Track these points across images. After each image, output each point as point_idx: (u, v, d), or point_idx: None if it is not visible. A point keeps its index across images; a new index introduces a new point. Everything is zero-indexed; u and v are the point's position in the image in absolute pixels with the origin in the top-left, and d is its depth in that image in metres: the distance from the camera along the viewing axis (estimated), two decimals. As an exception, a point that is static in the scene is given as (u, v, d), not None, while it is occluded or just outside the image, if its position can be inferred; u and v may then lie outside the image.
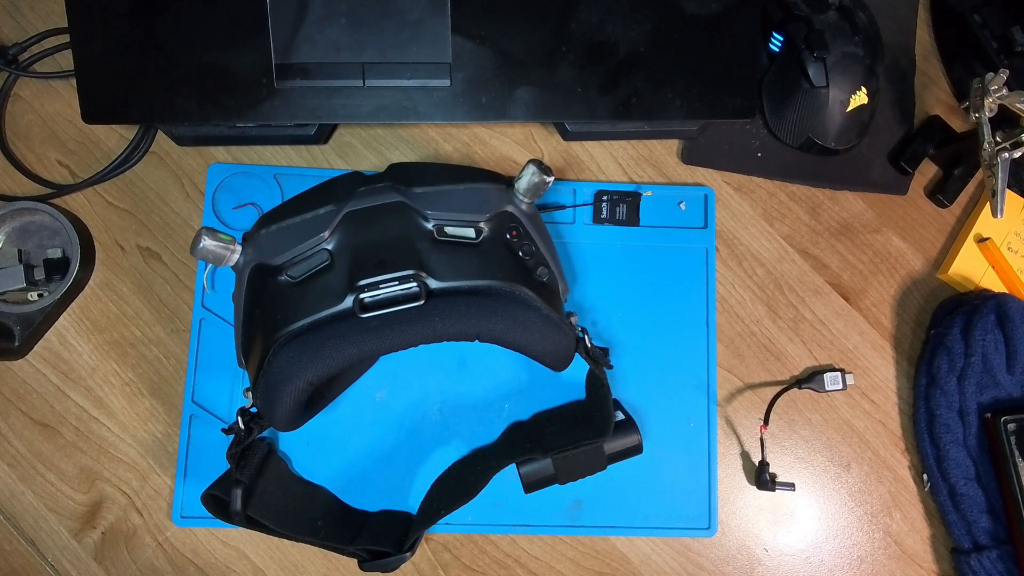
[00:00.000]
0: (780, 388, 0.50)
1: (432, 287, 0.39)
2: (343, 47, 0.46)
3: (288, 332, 0.38)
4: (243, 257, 0.41)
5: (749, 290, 0.52)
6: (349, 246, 0.40)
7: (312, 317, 0.39)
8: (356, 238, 0.40)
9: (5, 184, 0.51)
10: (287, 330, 0.38)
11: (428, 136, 0.53)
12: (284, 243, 0.41)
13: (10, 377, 0.49)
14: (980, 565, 0.48)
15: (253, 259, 0.41)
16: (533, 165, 0.42)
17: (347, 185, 0.43)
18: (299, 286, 0.40)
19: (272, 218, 0.42)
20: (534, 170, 0.42)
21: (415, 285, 0.38)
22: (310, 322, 0.39)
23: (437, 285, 0.39)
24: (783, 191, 0.54)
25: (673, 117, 0.49)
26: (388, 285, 0.38)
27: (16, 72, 0.51)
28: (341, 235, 0.41)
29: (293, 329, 0.38)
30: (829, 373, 0.50)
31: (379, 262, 0.39)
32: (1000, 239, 0.53)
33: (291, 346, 0.38)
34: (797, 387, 0.50)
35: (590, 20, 0.47)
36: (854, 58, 0.50)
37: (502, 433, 0.49)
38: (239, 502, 0.42)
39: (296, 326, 0.38)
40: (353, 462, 0.48)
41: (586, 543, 0.49)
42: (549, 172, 0.42)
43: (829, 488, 0.50)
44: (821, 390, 0.50)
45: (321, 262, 0.40)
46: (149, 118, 0.48)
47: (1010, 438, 0.47)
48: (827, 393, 0.51)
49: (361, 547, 0.45)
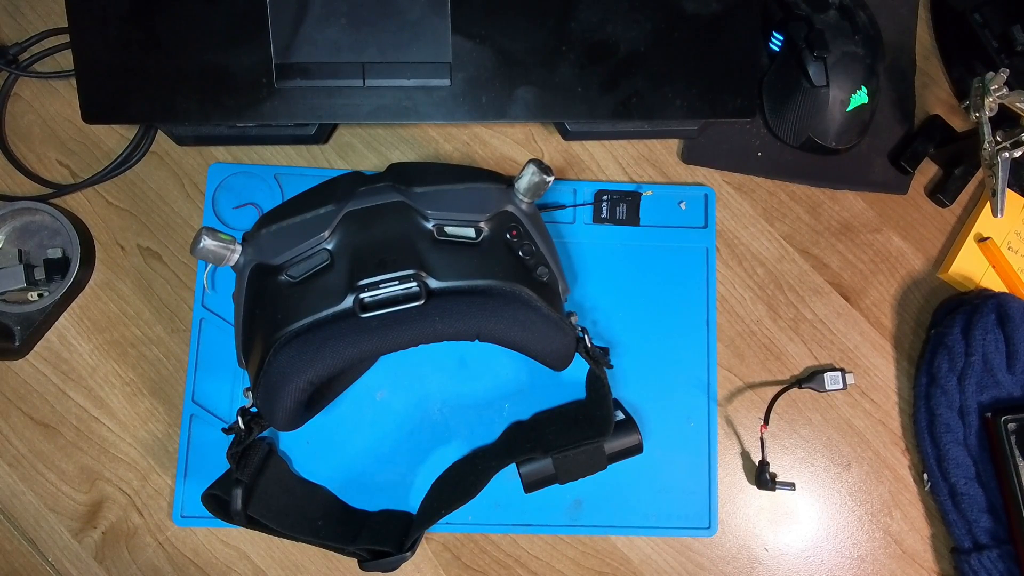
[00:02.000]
0: (780, 388, 0.50)
1: (432, 287, 0.39)
2: (343, 47, 0.46)
3: (288, 332, 0.39)
4: (243, 257, 0.42)
5: (749, 290, 0.52)
6: (349, 246, 0.40)
7: (312, 317, 0.39)
8: (356, 238, 0.41)
9: (5, 184, 0.51)
10: (287, 330, 0.39)
11: (428, 136, 0.53)
12: (284, 243, 0.41)
13: (10, 377, 0.49)
14: (980, 564, 0.48)
15: (253, 259, 0.41)
16: (533, 165, 0.42)
17: (347, 185, 0.43)
18: (299, 286, 0.40)
19: (272, 218, 0.42)
20: (534, 170, 0.42)
21: (415, 285, 0.38)
22: (310, 322, 0.39)
23: (437, 285, 0.39)
24: (783, 191, 0.54)
25: (673, 117, 0.49)
26: (388, 285, 0.38)
27: (16, 72, 0.51)
28: (341, 235, 0.41)
29: (293, 329, 0.39)
30: (829, 373, 0.50)
31: (379, 262, 0.39)
32: (1000, 239, 0.53)
33: (291, 346, 0.38)
34: (797, 387, 0.50)
35: (590, 20, 0.47)
36: (854, 57, 0.50)
37: (502, 433, 0.49)
38: (239, 502, 0.42)
39: (296, 326, 0.39)
40: (353, 462, 0.48)
41: (586, 543, 0.49)
42: (549, 172, 0.42)
43: (829, 488, 0.51)
44: (821, 389, 0.50)
45: (321, 262, 0.40)
46: (149, 118, 0.48)
47: (1010, 437, 0.47)
48: (827, 393, 0.51)
49: (361, 547, 0.45)
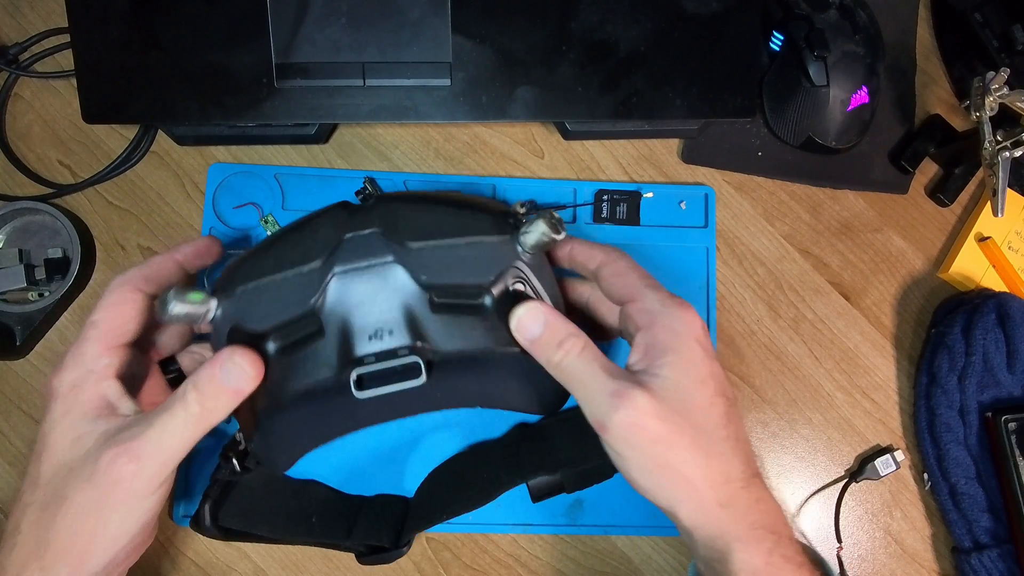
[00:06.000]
0: (840, 489, 0.49)
1: (432, 358, 0.35)
2: (343, 47, 0.46)
3: (280, 405, 0.36)
4: (219, 312, 0.37)
5: (749, 289, 0.52)
6: (340, 314, 0.36)
7: (305, 389, 0.35)
8: (347, 304, 0.36)
9: (5, 184, 0.51)
10: (279, 403, 0.35)
11: (428, 135, 0.53)
12: (266, 306, 0.36)
13: (11, 377, 0.49)
14: (981, 564, 0.47)
15: (232, 319, 0.36)
16: (544, 223, 0.36)
17: (330, 229, 0.37)
18: (287, 355, 0.36)
19: (249, 271, 0.37)
20: (544, 229, 0.36)
21: (414, 358, 0.35)
22: (304, 393, 0.35)
23: (437, 355, 0.35)
24: (784, 190, 0.54)
25: (674, 116, 0.49)
26: (385, 359, 0.35)
27: (16, 72, 0.51)
28: (331, 300, 0.36)
29: (286, 401, 0.35)
30: (880, 459, 0.49)
31: (374, 332, 0.35)
32: (1001, 238, 0.53)
33: (285, 420, 0.36)
34: (854, 482, 0.50)
35: (590, 19, 0.47)
36: (855, 57, 0.50)
37: (507, 432, 0.48)
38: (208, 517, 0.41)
39: (288, 398, 0.35)
40: (354, 462, 0.48)
41: (587, 542, 0.49)
42: (559, 229, 0.36)
43: (830, 487, 0.50)
44: (876, 478, 0.49)
45: (310, 330, 0.36)
46: (149, 118, 0.48)
47: (1011, 437, 0.47)
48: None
49: (358, 542, 0.45)
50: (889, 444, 0.51)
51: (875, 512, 0.50)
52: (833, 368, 0.52)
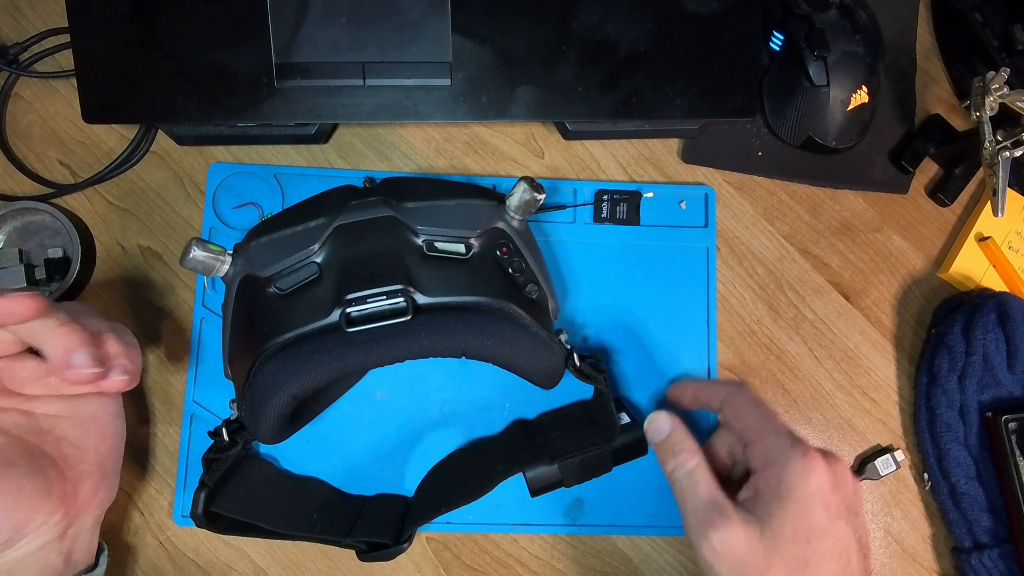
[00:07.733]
0: None
1: (420, 302, 0.39)
2: (343, 46, 0.46)
3: (274, 345, 0.38)
4: (233, 268, 0.41)
5: (750, 289, 0.52)
6: (338, 260, 0.40)
7: (299, 330, 0.38)
8: (345, 252, 0.40)
9: (5, 184, 0.51)
10: (273, 343, 0.38)
11: (429, 135, 0.53)
12: (273, 255, 0.40)
13: (11, 377, 0.49)
14: (981, 564, 0.48)
15: (242, 270, 0.41)
16: (524, 183, 0.42)
17: (339, 198, 0.43)
18: (287, 299, 0.40)
19: (263, 230, 0.42)
20: (525, 187, 0.42)
21: (402, 300, 0.38)
22: (296, 335, 0.38)
23: (425, 300, 0.39)
24: (784, 190, 0.54)
25: (674, 116, 0.49)
26: (376, 300, 0.38)
27: (16, 72, 0.51)
28: (330, 248, 0.40)
29: (279, 342, 0.38)
30: (880, 459, 0.49)
31: (368, 276, 0.39)
32: (1001, 238, 0.53)
33: (276, 359, 0.38)
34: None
35: (590, 19, 0.47)
36: (855, 57, 0.50)
37: (506, 428, 0.49)
38: (201, 505, 0.42)
39: (282, 339, 0.38)
40: (354, 462, 0.48)
41: (587, 542, 0.49)
42: (540, 190, 0.42)
43: (830, 487, 0.51)
44: (876, 477, 0.50)
45: (310, 275, 0.40)
46: (149, 118, 0.48)
47: (1011, 437, 0.47)
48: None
49: (358, 539, 0.45)
50: (889, 444, 0.51)
51: (875, 512, 0.50)
52: (833, 368, 0.52)
